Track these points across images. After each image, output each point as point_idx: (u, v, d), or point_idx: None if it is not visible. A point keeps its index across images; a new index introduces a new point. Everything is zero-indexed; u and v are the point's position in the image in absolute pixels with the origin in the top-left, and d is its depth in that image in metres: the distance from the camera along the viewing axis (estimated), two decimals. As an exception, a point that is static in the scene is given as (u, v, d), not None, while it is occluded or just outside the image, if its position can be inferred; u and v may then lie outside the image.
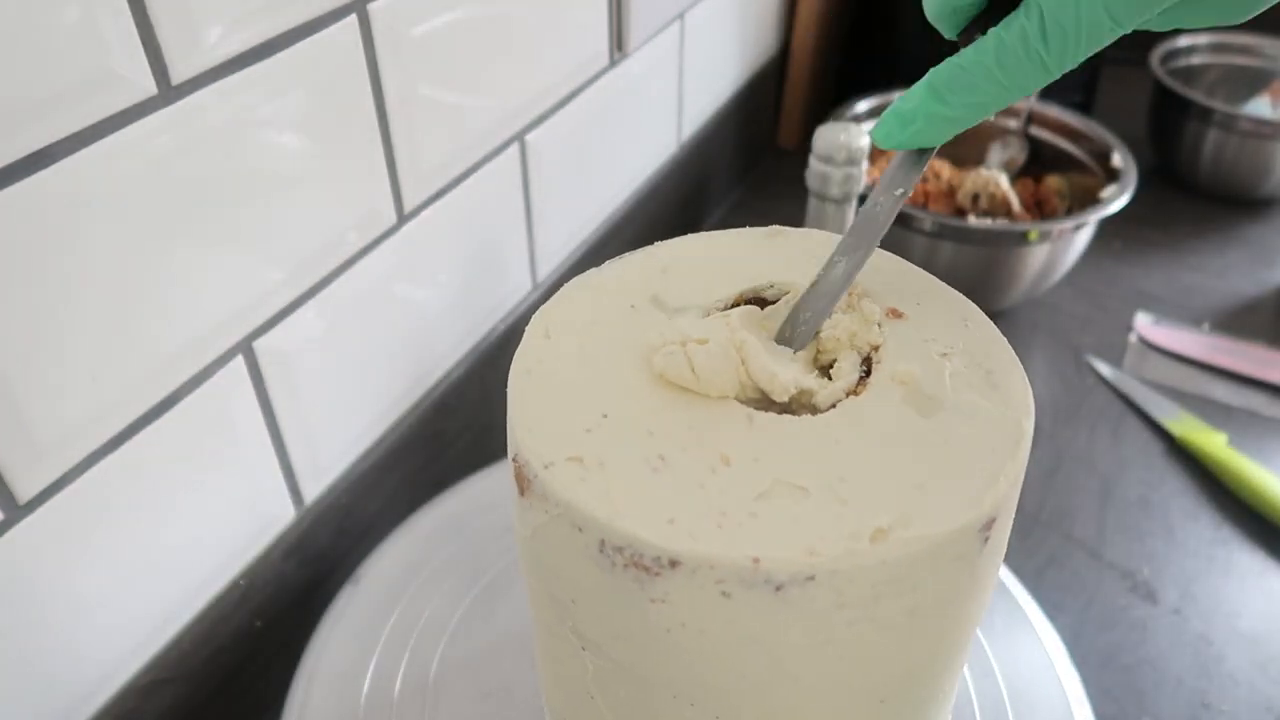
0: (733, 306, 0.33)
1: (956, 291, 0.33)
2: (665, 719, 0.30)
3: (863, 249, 0.31)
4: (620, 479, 0.26)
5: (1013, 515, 0.30)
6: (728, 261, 0.34)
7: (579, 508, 0.26)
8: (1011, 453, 0.28)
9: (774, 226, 0.36)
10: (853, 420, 0.28)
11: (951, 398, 0.29)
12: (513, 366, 0.30)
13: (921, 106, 0.29)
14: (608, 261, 0.34)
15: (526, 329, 0.32)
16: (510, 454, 0.30)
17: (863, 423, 0.28)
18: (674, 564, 0.25)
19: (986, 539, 0.27)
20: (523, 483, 0.28)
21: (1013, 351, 0.31)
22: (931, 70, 0.29)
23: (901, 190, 0.31)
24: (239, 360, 0.42)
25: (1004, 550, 0.30)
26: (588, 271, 0.34)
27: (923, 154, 0.31)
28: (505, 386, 0.30)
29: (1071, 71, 0.29)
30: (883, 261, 0.34)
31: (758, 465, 0.27)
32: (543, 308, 0.32)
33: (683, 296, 0.33)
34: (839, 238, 0.33)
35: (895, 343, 0.31)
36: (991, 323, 0.32)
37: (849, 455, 0.27)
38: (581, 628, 0.29)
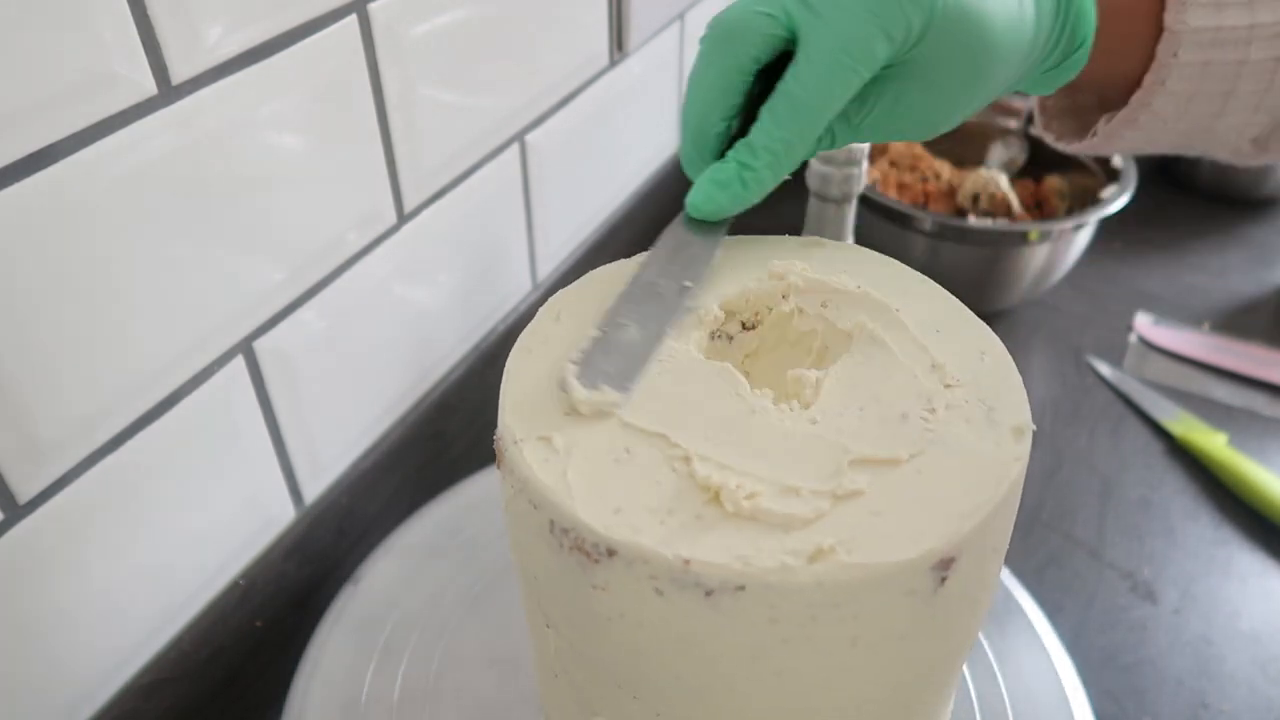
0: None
1: (982, 323, 0.32)
2: (612, 708, 0.30)
3: (655, 327, 0.31)
4: (581, 464, 0.27)
5: (992, 560, 0.28)
6: (753, 264, 0.34)
7: (534, 486, 0.27)
8: (985, 495, 0.26)
9: (811, 237, 0.35)
10: (831, 435, 0.28)
11: (942, 429, 0.28)
12: (516, 343, 0.31)
13: (735, 170, 0.31)
14: (643, 253, 0.34)
15: (540, 309, 0.32)
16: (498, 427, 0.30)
17: (840, 440, 0.28)
18: (611, 553, 0.25)
19: (943, 579, 0.26)
20: (499, 455, 0.29)
21: (1025, 394, 0.30)
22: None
23: (692, 283, 0.32)
24: (239, 360, 0.42)
25: (982, 597, 0.29)
26: (616, 261, 0.34)
27: (713, 231, 0.32)
28: (506, 387, 0.30)
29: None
30: (909, 284, 0.33)
31: (719, 470, 0.27)
32: (561, 291, 0.33)
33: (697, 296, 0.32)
34: (874, 254, 0.34)
35: (891, 365, 0.30)
36: (1011, 361, 0.31)
37: (815, 469, 0.27)
38: (544, 605, 0.30)
